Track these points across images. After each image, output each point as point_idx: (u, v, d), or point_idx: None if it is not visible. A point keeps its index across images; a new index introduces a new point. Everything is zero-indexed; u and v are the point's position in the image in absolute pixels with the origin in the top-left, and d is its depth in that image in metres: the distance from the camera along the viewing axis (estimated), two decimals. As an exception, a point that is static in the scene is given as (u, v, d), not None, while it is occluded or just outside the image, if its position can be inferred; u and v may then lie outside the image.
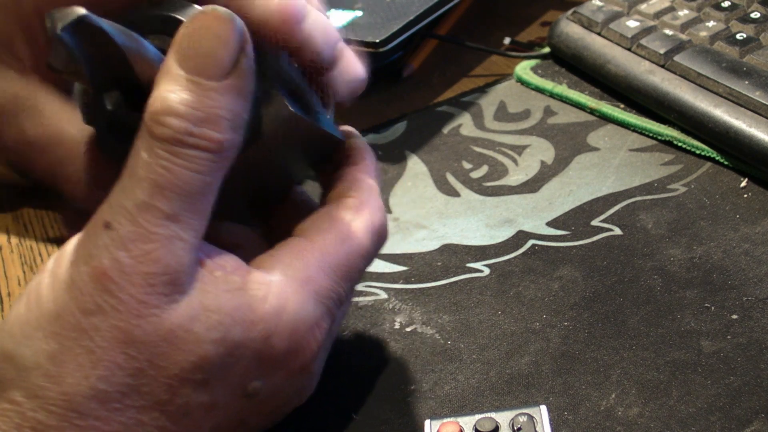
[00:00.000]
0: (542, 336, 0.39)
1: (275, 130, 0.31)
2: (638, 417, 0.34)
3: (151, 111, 0.28)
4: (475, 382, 0.37)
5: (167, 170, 0.27)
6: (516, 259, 0.44)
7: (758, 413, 0.33)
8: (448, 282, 0.43)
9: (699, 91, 0.49)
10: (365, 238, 0.33)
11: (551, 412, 0.35)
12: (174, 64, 0.28)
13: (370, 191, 0.35)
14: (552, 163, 0.51)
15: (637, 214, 0.45)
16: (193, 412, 0.29)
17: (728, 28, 0.53)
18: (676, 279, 0.41)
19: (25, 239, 0.52)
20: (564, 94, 0.56)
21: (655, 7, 0.56)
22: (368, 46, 0.55)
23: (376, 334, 0.41)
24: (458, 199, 0.49)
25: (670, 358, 0.37)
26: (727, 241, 0.42)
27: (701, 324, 0.38)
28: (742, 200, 0.45)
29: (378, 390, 0.38)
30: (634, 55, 0.54)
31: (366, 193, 0.34)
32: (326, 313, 0.32)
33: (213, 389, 0.29)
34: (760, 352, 0.36)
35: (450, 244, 0.46)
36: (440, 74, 0.63)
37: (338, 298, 0.32)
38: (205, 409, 0.29)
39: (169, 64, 0.28)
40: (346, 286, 0.33)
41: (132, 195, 0.27)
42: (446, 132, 0.55)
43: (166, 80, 0.28)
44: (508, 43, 0.64)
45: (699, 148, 0.49)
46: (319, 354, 0.32)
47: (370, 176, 0.35)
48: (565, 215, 0.46)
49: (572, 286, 0.41)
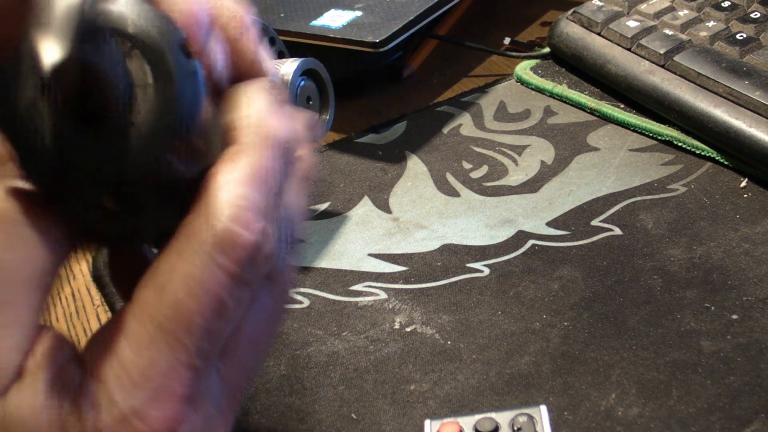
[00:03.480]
0: (542, 336, 0.39)
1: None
2: (638, 417, 0.34)
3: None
4: (475, 382, 0.37)
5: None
6: (516, 259, 0.44)
7: (758, 413, 0.33)
8: (448, 282, 0.43)
9: (699, 91, 0.49)
10: (204, 260, 0.25)
11: (551, 412, 0.35)
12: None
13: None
14: (552, 163, 0.51)
15: (637, 214, 0.45)
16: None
17: (728, 28, 0.53)
18: (676, 279, 0.41)
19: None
20: (564, 94, 0.56)
21: (655, 7, 0.56)
22: (368, 46, 0.55)
23: (376, 334, 0.41)
24: (458, 199, 0.49)
25: (670, 358, 0.37)
26: (727, 241, 0.42)
27: (701, 324, 0.38)
28: (742, 200, 0.45)
29: (378, 390, 0.38)
30: (634, 55, 0.54)
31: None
32: (163, 398, 0.25)
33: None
34: (760, 352, 0.36)
35: (450, 244, 0.46)
36: (440, 74, 0.63)
37: (192, 363, 0.26)
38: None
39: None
40: (200, 340, 0.26)
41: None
42: (446, 132, 0.55)
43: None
44: (508, 43, 0.64)
45: (699, 148, 0.49)
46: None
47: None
48: (565, 215, 0.46)
49: (572, 286, 0.41)
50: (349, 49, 0.56)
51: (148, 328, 0.25)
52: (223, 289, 0.25)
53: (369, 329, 0.41)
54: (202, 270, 0.25)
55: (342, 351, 0.40)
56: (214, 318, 0.26)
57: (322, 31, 0.58)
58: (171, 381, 0.25)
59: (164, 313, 0.25)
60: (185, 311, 0.25)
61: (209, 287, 0.25)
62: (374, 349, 0.40)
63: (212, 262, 0.25)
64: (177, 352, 0.25)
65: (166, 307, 0.25)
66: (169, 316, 0.25)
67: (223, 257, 0.25)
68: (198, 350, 0.26)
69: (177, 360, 0.25)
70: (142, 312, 0.25)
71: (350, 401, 0.37)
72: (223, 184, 0.26)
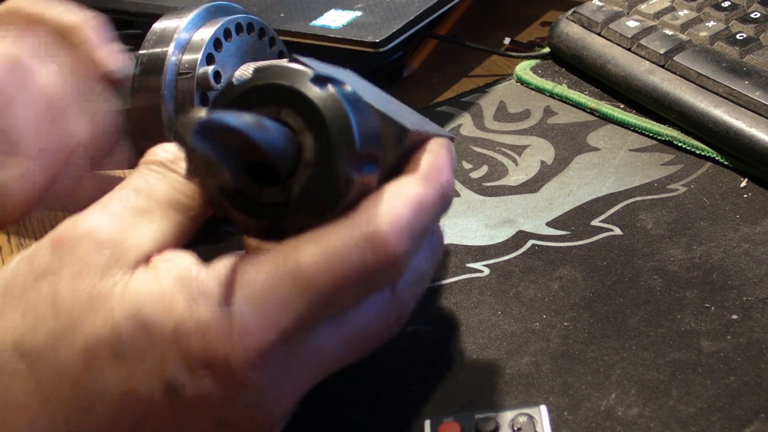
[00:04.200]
0: (542, 336, 0.39)
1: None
2: (638, 417, 0.34)
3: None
4: (475, 382, 0.37)
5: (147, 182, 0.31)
6: (516, 259, 0.44)
7: (758, 413, 0.33)
8: (448, 282, 0.43)
9: (699, 91, 0.49)
10: (351, 242, 0.29)
11: (551, 412, 0.35)
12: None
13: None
14: (552, 163, 0.51)
15: (637, 214, 0.45)
16: (107, 394, 0.28)
17: (728, 28, 0.53)
18: (676, 279, 0.41)
19: (25, 239, 0.52)
20: (564, 94, 0.56)
21: (655, 7, 0.56)
22: (368, 46, 0.55)
23: (376, 334, 0.41)
24: (458, 199, 0.49)
25: (670, 358, 0.37)
26: (727, 241, 0.42)
27: (701, 324, 0.38)
28: (742, 200, 0.45)
29: (378, 390, 0.38)
30: (634, 55, 0.54)
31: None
32: (267, 321, 0.29)
33: (128, 370, 0.28)
34: (760, 352, 0.36)
35: (450, 244, 0.46)
36: (440, 74, 0.63)
37: (296, 318, 0.29)
38: (122, 392, 0.28)
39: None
40: (315, 297, 0.29)
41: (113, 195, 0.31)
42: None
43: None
44: (508, 43, 0.64)
45: (699, 148, 0.49)
46: (265, 369, 0.29)
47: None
48: (565, 215, 0.46)
49: (572, 286, 0.41)
50: (349, 49, 0.56)
51: (280, 267, 0.29)
52: (352, 273, 0.29)
53: (369, 329, 0.41)
54: (345, 249, 0.29)
55: (342, 351, 0.40)
56: (333, 290, 0.29)
57: (322, 31, 0.58)
58: (280, 313, 0.28)
59: (301, 258, 0.29)
60: (318, 267, 0.29)
61: (341, 264, 0.29)
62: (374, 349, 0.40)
63: (356, 248, 0.29)
64: (293, 294, 0.29)
65: (303, 256, 0.29)
66: (302, 265, 0.29)
67: (368, 250, 0.29)
68: (308, 305, 0.29)
69: (290, 301, 0.29)
70: (277, 254, 0.29)
71: (350, 401, 0.37)
72: (394, 195, 0.30)
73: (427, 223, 0.31)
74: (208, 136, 0.26)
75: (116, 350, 0.28)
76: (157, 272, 0.29)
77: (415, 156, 0.33)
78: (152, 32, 0.45)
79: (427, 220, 0.31)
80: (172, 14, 0.46)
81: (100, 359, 0.28)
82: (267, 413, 0.30)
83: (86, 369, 0.28)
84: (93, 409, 0.28)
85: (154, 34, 0.45)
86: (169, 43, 0.43)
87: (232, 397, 0.29)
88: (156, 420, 0.29)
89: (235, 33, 0.45)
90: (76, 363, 0.28)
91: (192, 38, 0.44)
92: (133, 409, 0.28)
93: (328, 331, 0.31)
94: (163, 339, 0.28)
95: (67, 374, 0.28)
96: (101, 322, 0.28)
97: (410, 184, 0.31)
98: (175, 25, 0.44)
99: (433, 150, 0.33)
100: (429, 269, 0.36)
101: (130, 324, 0.28)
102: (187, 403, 0.29)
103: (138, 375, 0.28)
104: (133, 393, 0.28)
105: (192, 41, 0.44)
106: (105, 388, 0.28)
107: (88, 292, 0.28)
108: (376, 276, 0.30)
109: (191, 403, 0.29)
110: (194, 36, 0.44)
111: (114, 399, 0.28)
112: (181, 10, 0.46)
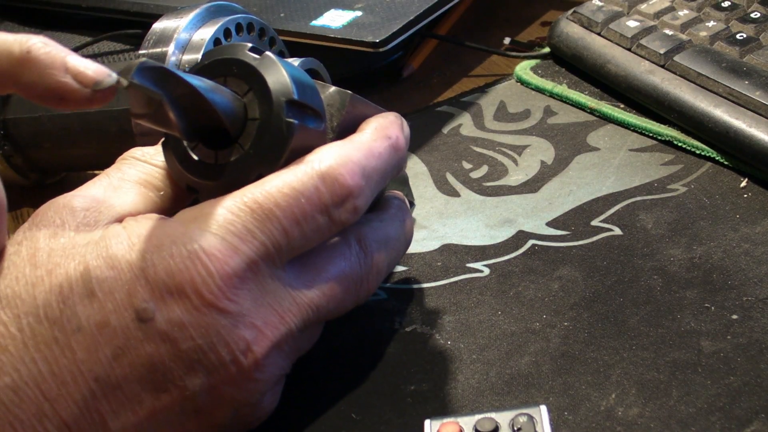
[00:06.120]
0: (542, 336, 0.39)
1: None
2: (638, 417, 0.34)
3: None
4: (475, 382, 0.37)
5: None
6: (516, 259, 0.44)
7: (758, 413, 0.33)
8: (448, 282, 0.43)
9: (699, 91, 0.49)
10: (305, 177, 0.32)
11: (551, 412, 0.34)
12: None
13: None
14: (552, 163, 0.51)
15: (637, 214, 0.45)
16: (84, 327, 0.30)
17: (728, 28, 0.53)
18: (676, 279, 0.41)
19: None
20: (564, 94, 0.56)
21: (655, 7, 0.56)
22: (368, 46, 0.55)
23: (376, 334, 0.41)
24: (458, 199, 0.49)
25: (670, 358, 0.37)
26: (727, 241, 0.42)
27: (701, 324, 0.38)
28: (742, 200, 0.45)
29: (378, 390, 0.38)
30: (634, 55, 0.54)
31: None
32: (228, 247, 0.31)
33: (99, 304, 0.30)
34: (760, 352, 0.36)
35: (450, 244, 0.46)
36: (440, 74, 0.63)
37: (259, 247, 0.31)
38: (97, 326, 0.30)
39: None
40: (274, 227, 0.31)
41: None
42: (446, 132, 0.55)
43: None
44: (508, 43, 0.64)
45: (699, 148, 0.49)
46: (233, 295, 0.31)
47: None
48: (565, 215, 0.46)
49: (572, 286, 0.41)
50: (349, 49, 0.56)
51: (238, 202, 0.32)
52: (308, 204, 0.32)
53: (369, 329, 0.41)
54: (299, 183, 0.32)
55: (342, 350, 0.40)
56: (291, 222, 0.32)
57: (322, 31, 0.58)
58: (241, 241, 0.31)
59: (257, 192, 0.32)
60: (274, 200, 0.32)
61: (296, 196, 0.32)
62: (374, 349, 0.40)
63: (310, 182, 0.32)
64: (253, 225, 0.31)
65: (259, 191, 0.32)
66: (258, 198, 0.32)
67: (320, 183, 0.32)
68: (268, 234, 0.31)
69: (251, 230, 0.31)
70: (235, 193, 0.32)
71: (350, 401, 0.37)
72: (344, 142, 0.34)
73: (378, 168, 0.34)
74: (151, 79, 0.29)
75: (88, 287, 0.30)
76: (127, 224, 0.32)
77: (363, 124, 0.36)
78: (152, 32, 0.45)
79: (378, 164, 0.34)
80: (172, 14, 0.46)
81: (74, 297, 0.30)
82: (243, 341, 0.31)
83: (62, 308, 0.30)
84: (71, 346, 0.30)
85: (154, 34, 0.45)
86: (169, 43, 0.43)
87: (204, 323, 0.30)
88: (134, 352, 0.30)
89: (235, 33, 0.45)
90: (53, 303, 0.30)
91: (192, 38, 0.44)
92: (110, 342, 0.30)
93: (297, 271, 0.33)
94: (131, 271, 0.30)
95: (44, 315, 0.30)
96: (74, 265, 0.31)
97: (358, 135, 0.35)
98: (175, 25, 0.44)
99: (381, 116, 0.37)
100: (398, 237, 0.38)
101: (100, 263, 0.31)
102: (162, 332, 0.30)
103: (110, 308, 0.30)
104: (107, 325, 0.30)
105: (192, 41, 0.44)
106: (80, 324, 0.30)
107: (63, 244, 0.32)
108: (333, 210, 0.33)
109: (166, 332, 0.30)
110: (194, 36, 0.44)
111: (90, 333, 0.30)
112: (181, 10, 0.46)
